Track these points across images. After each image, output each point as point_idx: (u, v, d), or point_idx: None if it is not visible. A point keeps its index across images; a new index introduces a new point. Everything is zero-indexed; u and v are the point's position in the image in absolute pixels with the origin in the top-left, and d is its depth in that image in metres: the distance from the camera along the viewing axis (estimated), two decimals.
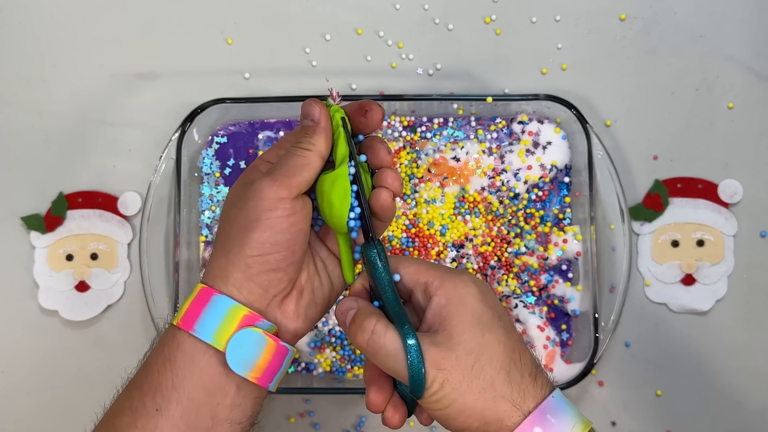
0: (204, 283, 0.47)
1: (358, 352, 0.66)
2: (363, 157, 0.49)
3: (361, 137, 0.50)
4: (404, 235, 0.66)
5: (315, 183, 0.48)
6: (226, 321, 0.46)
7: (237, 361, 0.45)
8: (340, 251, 0.50)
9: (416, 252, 0.66)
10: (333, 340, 0.66)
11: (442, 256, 0.66)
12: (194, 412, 0.45)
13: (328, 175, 0.48)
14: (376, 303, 0.47)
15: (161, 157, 0.66)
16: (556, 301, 0.66)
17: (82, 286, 0.68)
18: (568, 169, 0.66)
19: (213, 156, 0.67)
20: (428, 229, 0.66)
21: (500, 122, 0.67)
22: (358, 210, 0.48)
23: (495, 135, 0.67)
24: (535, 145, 0.66)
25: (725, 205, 0.68)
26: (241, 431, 0.47)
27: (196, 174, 0.67)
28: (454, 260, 0.66)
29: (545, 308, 0.66)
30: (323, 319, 0.66)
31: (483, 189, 0.66)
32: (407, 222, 0.66)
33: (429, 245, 0.66)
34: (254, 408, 0.48)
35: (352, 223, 0.48)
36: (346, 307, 0.47)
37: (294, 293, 0.48)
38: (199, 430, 0.46)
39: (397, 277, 0.47)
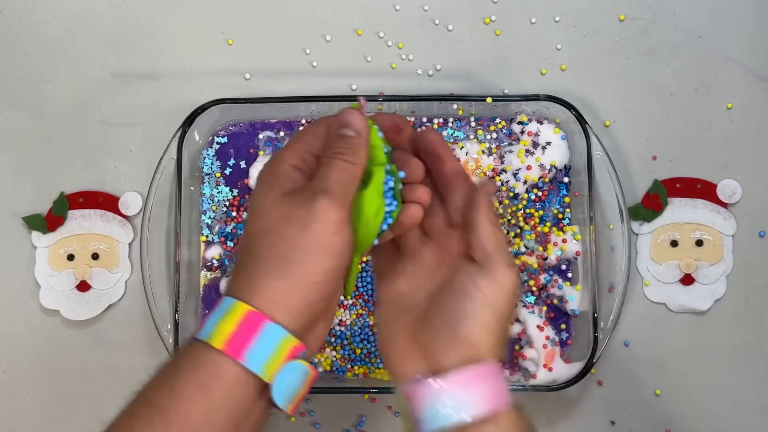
0: (248, 303, 0.43)
1: (358, 351, 0.66)
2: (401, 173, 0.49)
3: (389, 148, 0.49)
4: None
5: None
6: (277, 352, 0.43)
7: (281, 394, 0.43)
8: (352, 265, 0.48)
9: None
10: (333, 340, 0.66)
11: None
12: None
13: (362, 192, 0.46)
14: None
15: (162, 157, 0.66)
16: (555, 301, 0.66)
17: (83, 286, 0.69)
18: (567, 170, 0.67)
19: (213, 156, 0.67)
20: None
21: (500, 122, 0.67)
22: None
23: (494, 135, 0.67)
24: (535, 145, 0.66)
25: (724, 205, 0.68)
26: None
27: (196, 174, 0.67)
28: None
29: (545, 308, 0.66)
30: None
31: None
32: None
33: None
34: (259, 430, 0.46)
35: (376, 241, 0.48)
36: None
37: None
38: None
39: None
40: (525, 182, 0.66)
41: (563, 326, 0.66)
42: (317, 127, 0.48)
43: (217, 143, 0.68)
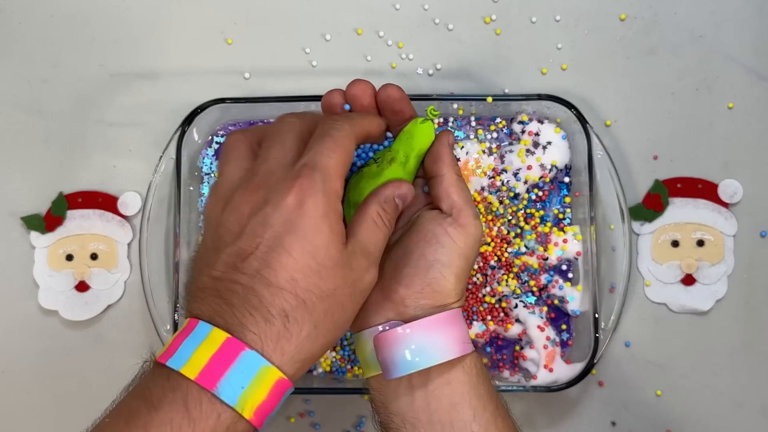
0: (279, 368, 0.40)
1: None
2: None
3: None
4: None
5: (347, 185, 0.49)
6: (280, 407, 0.42)
7: None
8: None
9: None
10: None
11: None
12: None
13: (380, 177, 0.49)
14: None
15: (161, 157, 0.66)
16: (556, 301, 0.66)
17: (82, 286, 0.68)
18: (568, 169, 0.67)
19: (213, 156, 0.67)
20: None
21: (500, 122, 0.67)
22: None
23: (495, 135, 0.67)
24: (535, 145, 0.66)
25: (725, 205, 0.68)
26: None
27: (196, 174, 0.67)
28: None
29: (545, 308, 0.66)
30: None
31: (483, 189, 0.66)
32: None
33: None
34: None
35: None
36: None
37: None
38: None
39: None
40: (525, 182, 0.66)
41: (564, 327, 0.66)
42: (350, 146, 0.45)
43: (217, 143, 0.67)
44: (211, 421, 0.39)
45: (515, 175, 0.66)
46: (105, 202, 0.69)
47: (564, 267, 0.66)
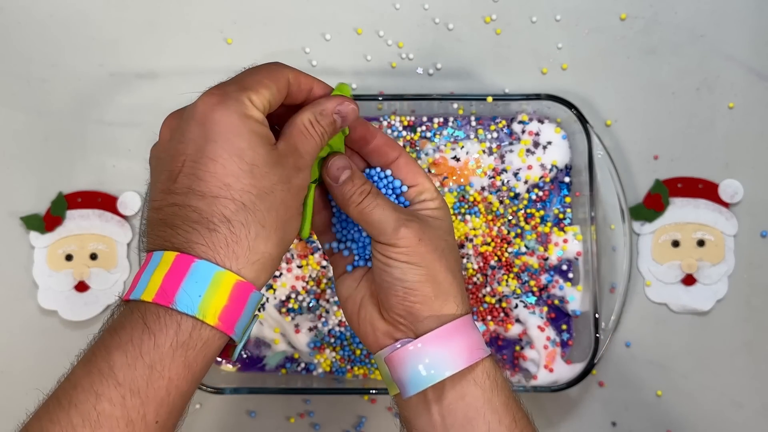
0: (237, 272, 0.41)
1: (358, 352, 0.66)
2: None
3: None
4: None
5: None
6: (252, 315, 0.43)
7: (240, 348, 0.43)
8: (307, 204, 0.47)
9: None
10: (333, 340, 0.66)
11: None
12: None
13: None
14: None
15: None
16: (556, 302, 0.66)
17: (81, 286, 0.68)
18: (568, 169, 0.66)
19: None
20: None
21: (500, 122, 0.67)
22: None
23: (495, 135, 0.67)
24: (536, 144, 0.66)
25: (726, 205, 0.68)
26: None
27: None
28: None
29: (545, 308, 0.66)
30: (323, 320, 0.66)
31: (483, 189, 0.66)
32: None
33: None
34: None
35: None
36: (342, 164, 0.46)
37: None
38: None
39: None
40: (526, 182, 0.66)
41: (564, 327, 0.66)
42: (281, 78, 0.45)
43: None
44: (171, 331, 0.39)
45: (515, 174, 0.66)
46: (104, 201, 0.69)
47: (564, 267, 0.66)
